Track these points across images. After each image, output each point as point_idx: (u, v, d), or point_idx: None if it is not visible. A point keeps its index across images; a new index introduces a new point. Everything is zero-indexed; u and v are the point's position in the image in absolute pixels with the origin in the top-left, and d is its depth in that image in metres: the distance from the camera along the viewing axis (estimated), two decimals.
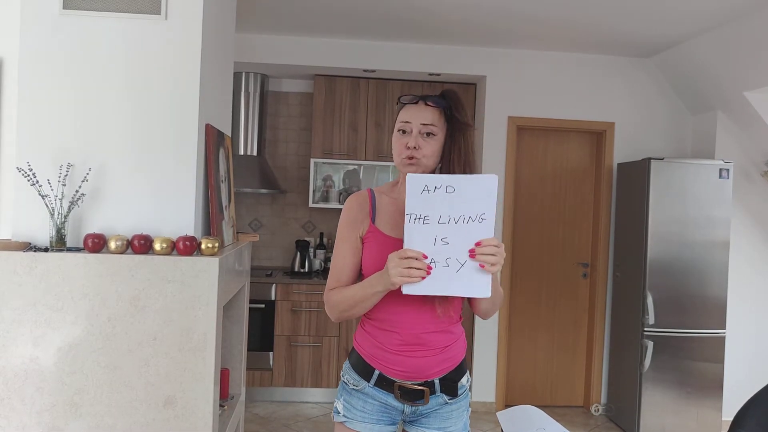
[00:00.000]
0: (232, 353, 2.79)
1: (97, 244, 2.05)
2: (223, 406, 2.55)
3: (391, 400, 1.67)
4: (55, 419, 2.00)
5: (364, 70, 4.58)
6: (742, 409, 1.77)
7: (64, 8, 2.17)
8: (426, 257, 1.48)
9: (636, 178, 4.25)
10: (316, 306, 4.45)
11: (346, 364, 1.75)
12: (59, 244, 2.06)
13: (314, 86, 4.75)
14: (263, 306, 4.44)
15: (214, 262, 2.05)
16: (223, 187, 2.59)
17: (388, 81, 4.76)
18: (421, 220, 1.49)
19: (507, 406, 4.52)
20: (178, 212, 2.21)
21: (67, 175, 2.11)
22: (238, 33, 3.58)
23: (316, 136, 4.74)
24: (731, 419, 1.79)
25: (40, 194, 2.07)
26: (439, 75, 4.62)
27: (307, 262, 4.76)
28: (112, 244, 2.05)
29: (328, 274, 1.76)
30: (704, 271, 4.08)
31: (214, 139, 2.45)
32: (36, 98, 2.17)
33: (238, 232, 2.91)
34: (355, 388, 1.70)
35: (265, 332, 4.46)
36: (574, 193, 4.75)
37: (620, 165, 4.56)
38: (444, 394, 1.68)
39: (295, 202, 5.08)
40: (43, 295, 2.00)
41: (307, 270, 4.75)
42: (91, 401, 2.01)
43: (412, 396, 1.65)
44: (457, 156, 1.63)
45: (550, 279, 4.74)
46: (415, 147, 1.62)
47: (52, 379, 2.00)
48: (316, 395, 4.54)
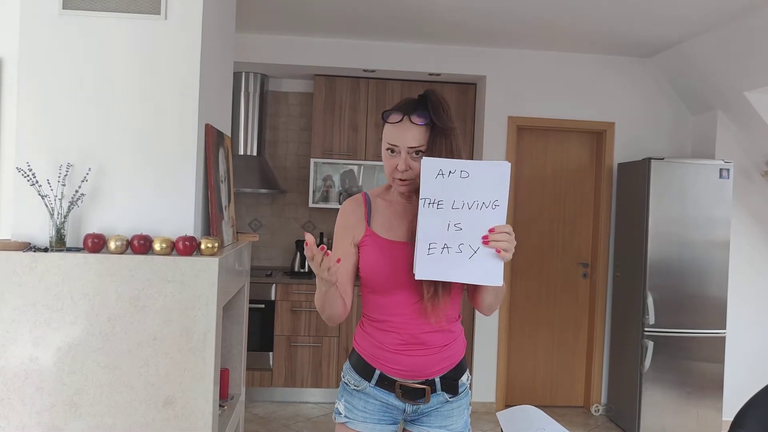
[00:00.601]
0: (232, 353, 2.79)
1: (96, 244, 2.05)
2: (223, 406, 2.55)
3: (392, 399, 1.67)
4: (55, 419, 2.00)
5: (364, 70, 4.57)
6: (743, 409, 1.77)
7: (64, 8, 2.17)
8: (325, 249, 1.39)
9: (636, 178, 4.25)
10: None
11: (347, 365, 1.75)
12: (59, 244, 2.06)
13: (314, 86, 4.75)
14: (263, 306, 4.43)
15: (214, 262, 2.04)
16: (223, 187, 2.59)
17: (388, 81, 4.76)
18: (435, 205, 1.47)
19: (507, 406, 4.52)
20: (178, 212, 2.21)
21: (66, 175, 2.11)
22: (238, 33, 3.58)
23: (316, 136, 4.74)
24: (731, 419, 1.80)
25: (39, 194, 2.07)
26: (439, 75, 4.62)
27: (307, 262, 4.76)
28: (112, 244, 2.05)
29: None
30: (704, 271, 4.08)
31: (213, 139, 2.45)
32: (36, 98, 2.17)
33: (237, 232, 2.91)
34: (356, 388, 1.70)
35: (265, 332, 4.46)
36: (575, 193, 4.75)
37: (620, 165, 4.56)
38: (445, 393, 1.68)
39: (295, 202, 5.08)
40: (43, 295, 2.00)
41: (306, 270, 4.75)
42: (91, 401, 2.01)
43: (414, 395, 1.65)
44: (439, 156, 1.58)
45: (550, 279, 4.74)
46: (406, 169, 1.59)
47: (52, 379, 2.00)
48: (316, 395, 4.54)
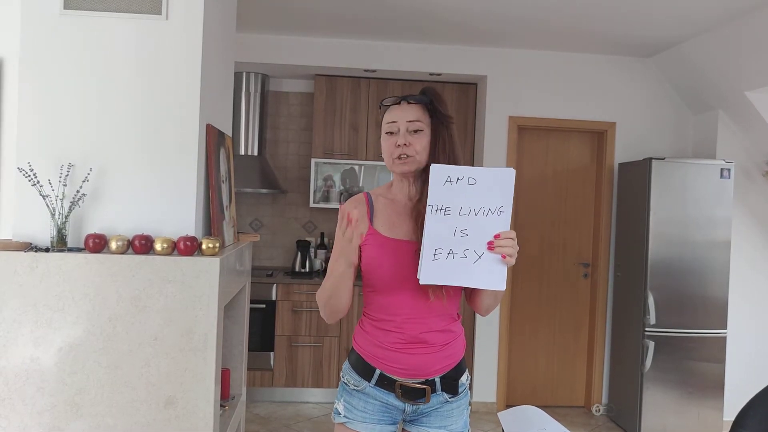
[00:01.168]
0: (233, 353, 2.79)
1: (98, 244, 2.05)
2: (224, 407, 2.55)
3: (392, 399, 1.67)
4: (56, 419, 2.00)
5: (365, 70, 4.57)
6: (744, 409, 1.77)
7: (65, 8, 2.17)
8: (351, 220, 1.51)
9: (637, 178, 4.24)
10: (317, 306, 4.42)
11: (346, 365, 1.75)
12: (60, 244, 2.07)
13: (315, 86, 4.75)
14: (264, 306, 4.43)
15: (215, 262, 2.05)
16: (224, 187, 2.59)
17: (389, 81, 4.76)
18: (443, 211, 1.50)
19: (508, 406, 4.51)
20: (179, 212, 2.21)
21: (68, 176, 2.11)
22: (239, 33, 3.58)
23: (316, 136, 4.74)
24: (732, 419, 1.79)
25: (40, 194, 2.07)
26: (440, 75, 4.61)
27: (307, 262, 4.76)
28: (113, 245, 2.05)
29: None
30: (705, 271, 4.08)
31: (214, 139, 2.45)
32: (37, 98, 2.17)
33: (238, 232, 2.91)
34: (355, 388, 1.70)
35: (266, 332, 4.46)
36: (575, 193, 4.75)
37: (621, 165, 4.56)
38: (445, 393, 1.68)
39: (296, 202, 5.08)
40: (44, 296, 2.00)
41: (307, 270, 4.75)
42: (92, 401, 2.01)
43: (414, 395, 1.65)
44: (442, 149, 1.65)
45: (550, 279, 4.74)
46: (405, 144, 1.63)
47: (53, 380, 2.00)
48: (317, 395, 4.54)
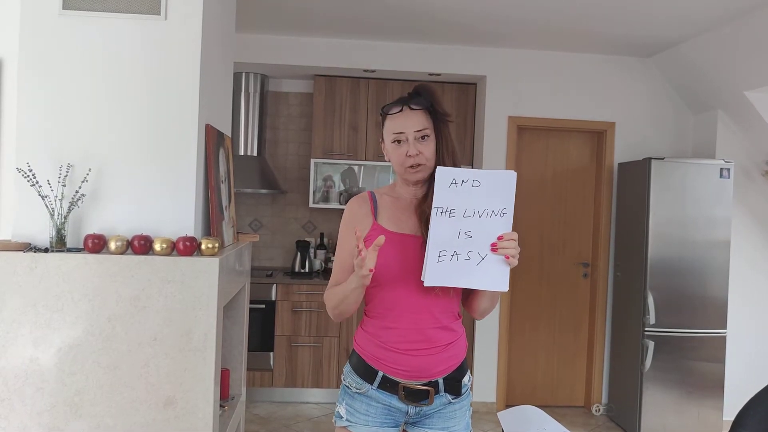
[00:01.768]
0: (233, 354, 2.79)
1: (97, 244, 2.04)
2: (224, 407, 2.55)
3: (395, 401, 1.66)
4: (56, 420, 2.00)
5: (364, 70, 4.57)
6: (744, 408, 1.77)
7: (64, 8, 2.17)
8: (361, 251, 1.48)
9: (636, 178, 4.24)
10: (317, 306, 4.45)
11: (347, 368, 1.74)
12: (59, 244, 2.06)
13: (314, 86, 4.75)
14: (264, 306, 4.43)
15: (215, 262, 2.04)
16: (223, 188, 2.59)
17: (388, 81, 4.75)
18: (447, 214, 1.52)
19: (508, 406, 4.51)
20: (178, 212, 2.20)
21: (67, 176, 2.10)
22: (238, 33, 3.57)
23: (316, 136, 4.74)
24: (732, 419, 1.79)
25: (39, 195, 2.06)
26: (439, 75, 4.61)
27: (307, 263, 4.76)
28: (112, 245, 2.05)
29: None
30: (705, 271, 4.08)
31: (214, 140, 2.45)
32: (35, 98, 2.17)
33: (238, 233, 2.91)
34: (357, 391, 1.69)
35: (266, 333, 4.46)
36: (575, 193, 4.75)
37: (621, 165, 4.56)
38: (448, 394, 1.67)
39: (296, 203, 5.08)
40: (43, 296, 1.99)
41: (307, 270, 4.75)
42: (92, 402, 2.00)
43: (417, 396, 1.65)
44: (445, 149, 1.67)
45: (550, 279, 4.74)
46: (417, 154, 1.64)
47: (53, 380, 2.00)
48: (317, 396, 4.54)
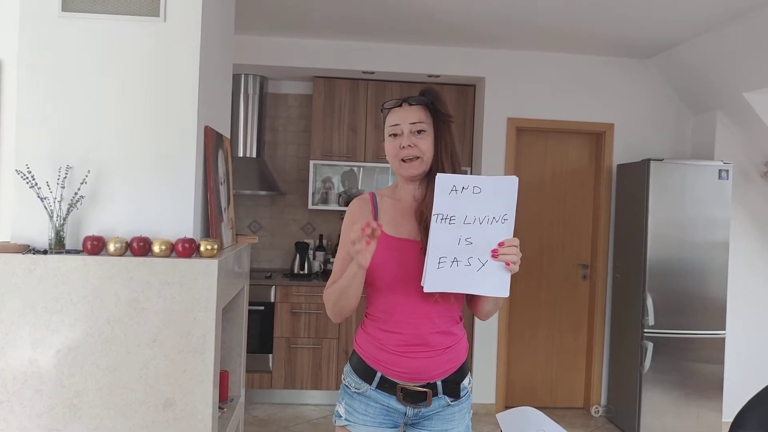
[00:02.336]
0: (232, 355, 2.79)
1: (96, 246, 2.04)
2: (223, 409, 2.55)
3: (393, 402, 1.66)
4: (54, 422, 1.99)
5: (363, 72, 4.58)
6: (743, 410, 1.77)
7: (63, 10, 2.17)
8: (363, 230, 1.47)
9: (635, 179, 4.25)
10: (316, 308, 4.45)
11: (347, 368, 1.75)
12: (58, 246, 2.06)
13: (313, 88, 4.75)
14: (263, 308, 4.43)
15: (213, 264, 2.04)
16: (222, 189, 2.59)
17: (387, 83, 4.76)
18: (448, 220, 1.51)
19: (507, 407, 4.51)
20: (177, 214, 2.20)
21: (66, 178, 2.10)
22: (237, 34, 3.57)
23: (315, 138, 4.74)
24: (731, 420, 1.80)
25: (38, 196, 2.06)
26: (438, 76, 4.62)
27: (306, 264, 4.76)
28: (111, 247, 2.05)
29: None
30: (704, 272, 4.08)
31: (213, 141, 2.45)
32: (35, 100, 2.17)
33: (237, 234, 2.91)
34: (356, 391, 1.69)
35: (265, 334, 4.46)
36: (574, 194, 4.75)
37: (620, 166, 4.56)
38: (446, 396, 1.67)
39: (295, 204, 5.08)
40: (42, 298, 1.99)
41: (306, 272, 4.74)
42: (91, 403, 2.00)
43: (415, 398, 1.65)
44: (444, 149, 1.67)
45: (549, 280, 4.74)
46: (410, 145, 1.65)
47: (51, 382, 2.00)
48: (316, 397, 4.53)
